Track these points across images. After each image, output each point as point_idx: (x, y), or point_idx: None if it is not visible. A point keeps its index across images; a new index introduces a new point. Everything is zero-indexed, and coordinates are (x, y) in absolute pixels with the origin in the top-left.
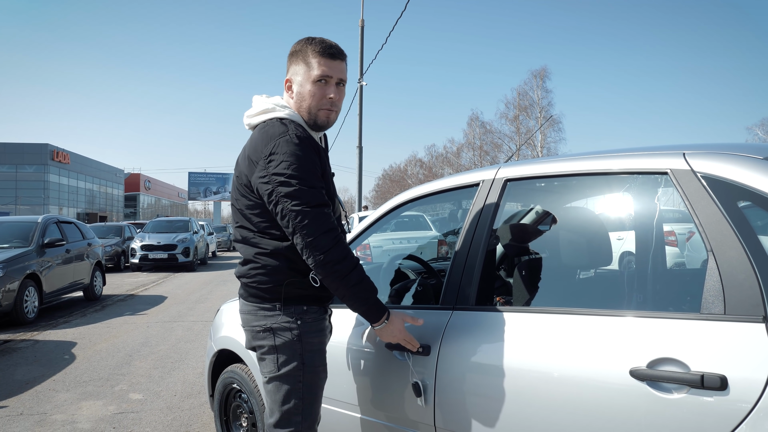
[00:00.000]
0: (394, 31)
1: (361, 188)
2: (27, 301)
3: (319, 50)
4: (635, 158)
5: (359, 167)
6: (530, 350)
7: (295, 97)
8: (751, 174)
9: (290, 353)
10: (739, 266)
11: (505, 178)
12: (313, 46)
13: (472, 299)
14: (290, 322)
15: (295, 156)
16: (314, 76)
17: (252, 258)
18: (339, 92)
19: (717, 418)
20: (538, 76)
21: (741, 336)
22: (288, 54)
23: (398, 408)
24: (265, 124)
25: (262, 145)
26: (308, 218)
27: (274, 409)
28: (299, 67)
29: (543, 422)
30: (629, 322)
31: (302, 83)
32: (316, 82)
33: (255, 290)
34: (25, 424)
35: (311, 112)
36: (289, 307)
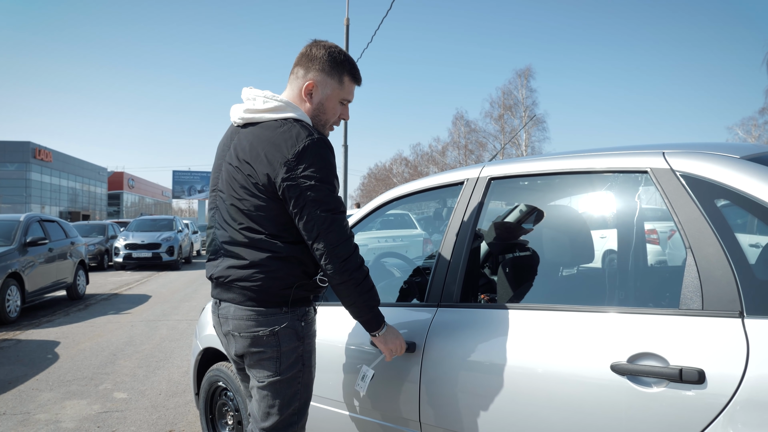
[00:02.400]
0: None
1: (347, 187)
2: (9, 301)
3: (354, 74)
4: (616, 157)
5: (345, 166)
6: (513, 347)
7: (314, 105)
8: (728, 173)
9: (294, 356)
10: (716, 263)
11: (489, 177)
12: (350, 67)
13: (457, 296)
14: (296, 324)
15: (325, 161)
16: (343, 97)
17: (261, 261)
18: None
19: (695, 411)
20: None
21: (718, 331)
22: (313, 54)
23: (384, 405)
24: (281, 123)
25: (287, 146)
26: (335, 225)
27: (270, 412)
28: (331, 81)
29: (526, 417)
30: (610, 318)
31: (329, 97)
32: (341, 103)
33: (258, 294)
34: (8, 423)
35: (324, 125)
36: (295, 309)
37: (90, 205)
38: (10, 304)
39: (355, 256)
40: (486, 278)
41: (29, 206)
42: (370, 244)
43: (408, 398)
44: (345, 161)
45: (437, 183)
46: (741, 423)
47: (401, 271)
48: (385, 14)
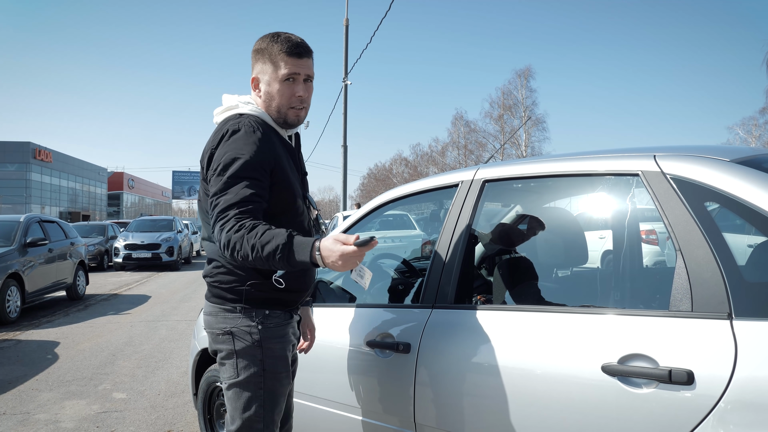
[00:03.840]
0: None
1: (346, 187)
2: (9, 301)
3: (285, 49)
4: (608, 160)
5: (344, 166)
6: (507, 347)
7: (263, 96)
8: (717, 176)
9: (250, 359)
10: (705, 265)
11: (484, 179)
12: (279, 45)
13: (451, 298)
14: (251, 326)
15: (236, 152)
16: (282, 75)
17: (215, 256)
18: (307, 89)
19: (684, 411)
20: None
21: (707, 332)
22: (252, 51)
23: (378, 405)
24: (225, 119)
25: (215, 137)
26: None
27: (235, 416)
28: (266, 66)
29: (519, 417)
30: (602, 320)
31: (270, 82)
32: (284, 81)
33: (217, 290)
34: (8, 423)
35: (281, 111)
36: (251, 310)
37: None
38: (10, 304)
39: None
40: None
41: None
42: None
43: (403, 399)
44: (344, 162)
45: (433, 185)
46: (729, 423)
47: (398, 272)
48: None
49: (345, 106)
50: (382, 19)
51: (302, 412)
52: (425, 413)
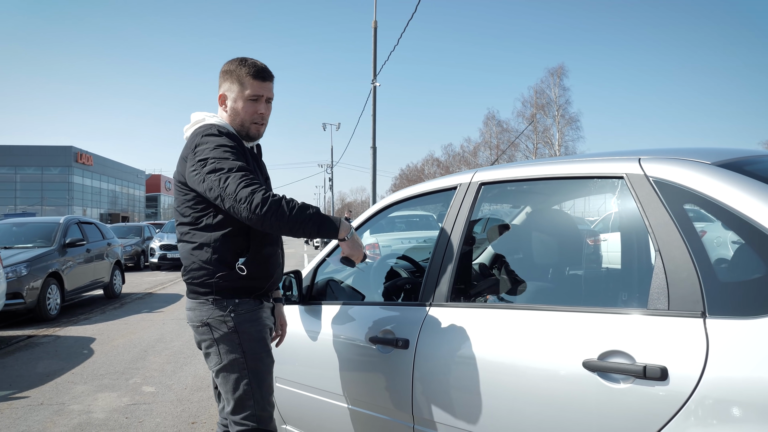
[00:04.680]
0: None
1: (375, 188)
2: (50, 299)
3: (252, 72)
4: (596, 163)
5: (373, 167)
6: (495, 343)
7: (229, 111)
8: (698, 178)
9: (230, 344)
10: (682, 265)
11: (480, 182)
12: (246, 68)
13: (447, 296)
14: (224, 315)
15: (216, 143)
16: (247, 94)
17: (187, 254)
18: (267, 108)
19: (658, 406)
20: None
21: (682, 330)
22: (220, 71)
23: (379, 398)
24: (194, 130)
25: (190, 142)
26: (230, 179)
27: (228, 399)
28: (233, 86)
29: (506, 410)
30: (585, 317)
31: (236, 99)
32: (248, 100)
33: (192, 286)
34: (45, 413)
35: (244, 125)
36: (221, 300)
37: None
38: (50, 302)
39: (257, 193)
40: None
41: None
42: (394, 245)
43: (402, 392)
44: (374, 163)
45: (433, 188)
46: (700, 419)
47: (408, 272)
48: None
49: (374, 108)
50: (409, 21)
51: (310, 404)
52: (422, 406)
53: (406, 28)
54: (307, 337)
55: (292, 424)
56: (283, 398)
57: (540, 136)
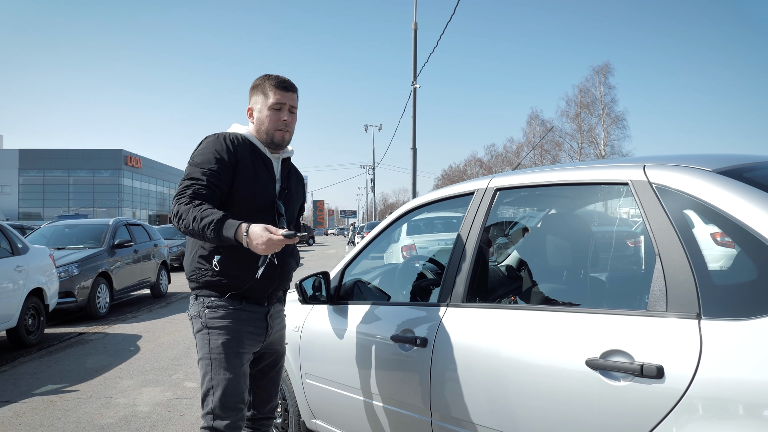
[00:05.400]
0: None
1: (415, 189)
2: (99, 298)
3: (275, 84)
4: (604, 170)
5: (413, 169)
6: (506, 342)
7: (255, 122)
8: (697, 185)
9: (201, 341)
10: (680, 268)
11: (496, 188)
12: (270, 81)
13: (463, 297)
14: (200, 311)
15: (201, 149)
16: (271, 103)
17: (187, 249)
18: (291, 117)
19: (654, 403)
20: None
21: (678, 330)
22: (250, 88)
23: (400, 393)
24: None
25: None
26: (180, 185)
27: (201, 387)
28: (259, 98)
29: (516, 405)
30: (589, 318)
31: (261, 110)
32: (272, 109)
33: (188, 281)
34: (93, 405)
35: (269, 133)
36: (201, 297)
37: None
38: (100, 300)
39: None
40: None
41: (121, 210)
42: (430, 246)
43: (420, 388)
44: (414, 164)
45: (452, 193)
46: (694, 416)
47: (434, 273)
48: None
49: (414, 110)
50: (447, 24)
51: (337, 400)
52: (439, 401)
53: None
54: (334, 335)
55: (321, 418)
56: (313, 394)
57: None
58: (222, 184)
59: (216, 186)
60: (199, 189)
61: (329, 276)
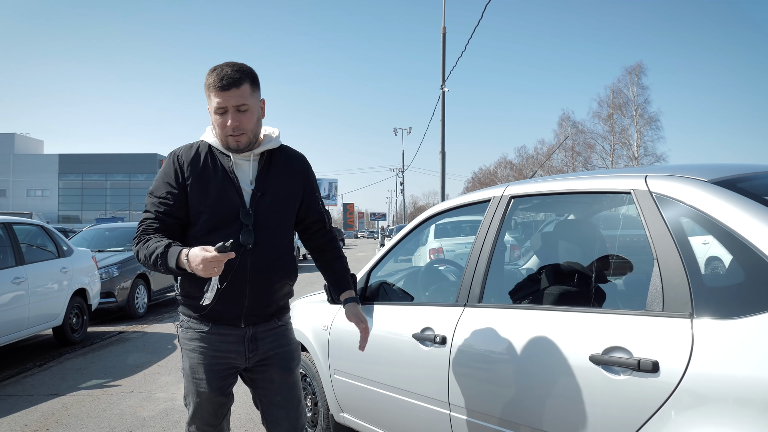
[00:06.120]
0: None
1: (444, 191)
2: (138, 298)
3: (211, 83)
4: (609, 179)
5: (442, 171)
6: (518, 339)
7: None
8: (693, 193)
9: (181, 357)
10: (675, 272)
11: (510, 195)
12: (209, 80)
13: (479, 297)
14: (180, 330)
15: (159, 171)
16: (213, 108)
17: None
18: (241, 118)
19: (650, 395)
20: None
21: (672, 329)
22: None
23: (420, 388)
24: None
25: None
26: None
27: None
28: (207, 100)
29: (526, 397)
30: (594, 317)
31: (210, 114)
32: (216, 114)
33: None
34: (135, 399)
35: (221, 139)
36: (181, 316)
37: None
38: (139, 300)
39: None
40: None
41: None
42: (457, 249)
43: (439, 383)
44: (443, 167)
45: (471, 200)
46: (685, 407)
47: (455, 275)
48: (477, 24)
49: (443, 113)
50: (475, 28)
51: (363, 394)
52: (457, 395)
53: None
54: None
55: (348, 412)
56: (341, 389)
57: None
58: (174, 211)
59: (167, 215)
60: (149, 224)
61: (356, 278)
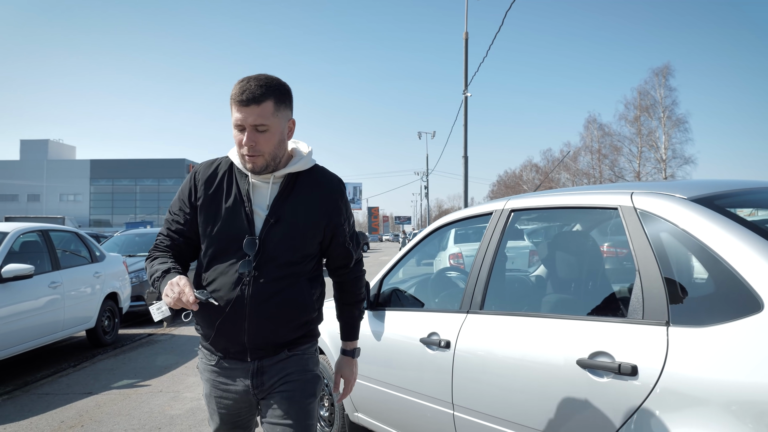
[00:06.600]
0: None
1: (467, 196)
2: None
3: (233, 95)
4: (599, 195)
5: (464, 176)
6: (515, 344)
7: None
8: (672, 210)
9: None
10: (655, 282)
11: (511, 209)
12: (232, 91)
13: (480, 304)
14: (199, 355)
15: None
16: (233, 122)
17: None
18: (257, 138)
19: (630, 397)
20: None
21: (651, 335)
22: None
23: (427, 389)
24: None
25: None
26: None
27: None
28: (231, 110)
29: (522, 397)
30: (582, 324)
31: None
32: (235, 128)
33: None
34: (164, 399)
35: (240, 156)
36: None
37: None
38: None
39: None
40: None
41: None
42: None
43: (444, 384)
44: (465, 172)
45: (475, 213)
46: (661, 407)
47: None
48: (498, 30)
49: (465, 118)
50: (496, 34)
51: (375, 394)
52: (460, 395)
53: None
54: (372, 337)
55: (362, 412)
56: (355, 390)
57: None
58: (185, 231)
59: (178, 233)
60: (161, 240)
61: (369, 285)
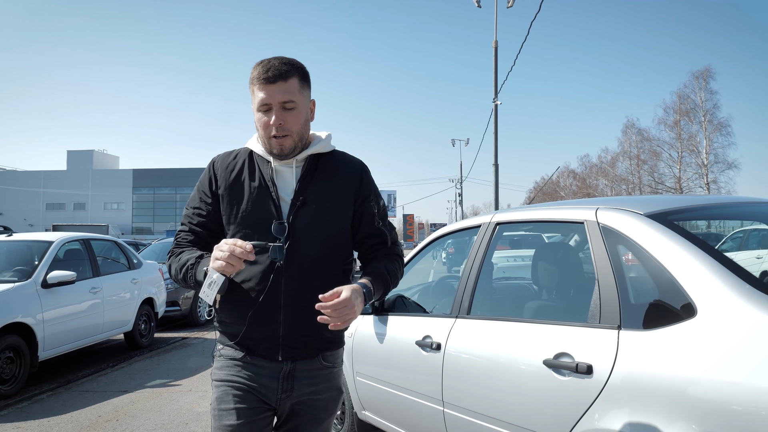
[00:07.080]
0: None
1: (498, 203)
2: (200, 307)
3: (256, 75)
4: (569, 210)
5: (495, 183)
6: (494, 346)
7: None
8: (628, 224)
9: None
10: (610, 290)
11: (496, 222)
12: (253, 73)
13: (467, 310)
14: (214, 361)
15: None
16: (256, 104)
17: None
18: (286, 117)
19: (586, 393)
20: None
21: (605, 338)
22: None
23: (420, 387)
24: None
25: None
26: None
27: None
28: (251, 96)
29: (499, 394)
30: (551, 328)
31: (254, 111)
32: (259, 111)
33: None
34: (192, 397)
35: (264, 141)
36: (217, 346)
37: None
38: (200, 309)
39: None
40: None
41: None
42: (500, 263)
43: (435, 383)
44: (496, 179)
45: (467, 225)
46: (611, 403)
47: None
48: (524, 39)
49: (495, 126)
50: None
51: (378, 393)
52: (449, 393)
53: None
54: (376, 340)
55: (368, 409)
56: (362, 389)
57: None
58: (208, 223)
59: (201, 227)
60: (183, 237)
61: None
